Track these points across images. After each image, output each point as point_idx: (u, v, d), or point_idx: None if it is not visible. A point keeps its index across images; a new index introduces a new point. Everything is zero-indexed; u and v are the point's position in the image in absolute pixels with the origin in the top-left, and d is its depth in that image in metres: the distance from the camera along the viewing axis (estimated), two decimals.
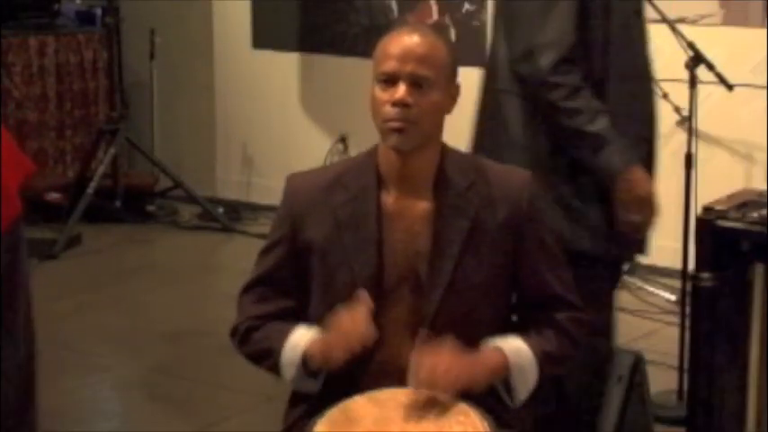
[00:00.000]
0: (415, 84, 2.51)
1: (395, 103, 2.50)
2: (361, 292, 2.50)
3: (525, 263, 2.60)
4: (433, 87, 2.52)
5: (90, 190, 6.64)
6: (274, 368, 2.61)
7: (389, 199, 2.59)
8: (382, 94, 2.53)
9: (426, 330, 2.49)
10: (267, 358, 2.62)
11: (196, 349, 5.09)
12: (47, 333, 5.23)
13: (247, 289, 2.69)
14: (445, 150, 2.62)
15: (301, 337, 2.57)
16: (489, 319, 2.59)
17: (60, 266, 6.19)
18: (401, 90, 2.50)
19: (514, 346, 2.56)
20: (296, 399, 2.66)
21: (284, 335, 2.58)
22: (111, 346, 5.25)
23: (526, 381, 2.58)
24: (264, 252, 2.69)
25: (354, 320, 2.47)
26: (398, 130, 2.51)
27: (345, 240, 2.57)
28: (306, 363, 2.55)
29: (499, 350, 2.54)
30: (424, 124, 2.52)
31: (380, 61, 2.54)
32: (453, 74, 2.60)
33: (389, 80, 2.52)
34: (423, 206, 2.58)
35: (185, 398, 4.64)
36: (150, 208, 7.06)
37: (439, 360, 2.44)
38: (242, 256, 6.27)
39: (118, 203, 6.93)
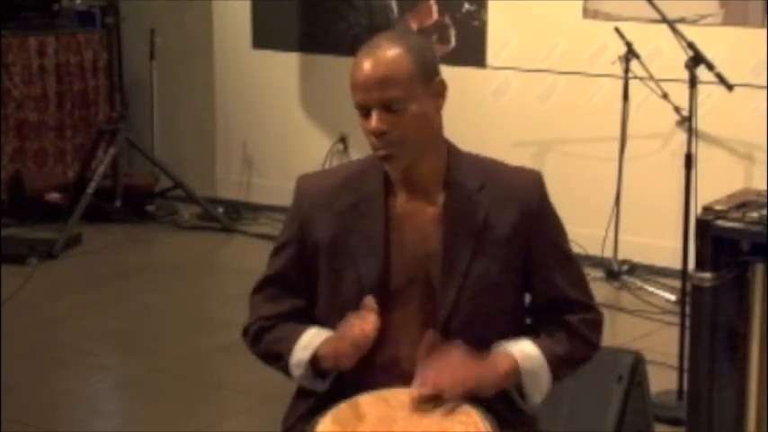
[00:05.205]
0: (387, 108, 2.47)
1: (373, 133, 2.48)
2: (367, 299, 2.50)
3: (536, 264, 2.59)
4: (406, 103, 2.47)
5: (90, 190, 6.64)
6: (285, 369, 2.61)
7: (399, 201, 2.58)
8: (364, 124, 2.51)
9: (433, 332, 2.49)
10: (278, 359, 2.62)
11: (196, 349, 5.09)
12: (47, 333, 5.29)
13: (258, 289, 2.69)
14: (453, 152, 2.60)
15: (312, 339, 2.57)
16: (501, 320, 2.58)
17: (60, 266, 6.19)
18: (374, 120, 2.47)
19: (525, 351, 2.55)
20: (302, 394, 2.67)
21: (295, 336, 2.59)
22: (111, 346, 5.25)
23: (539, 385, 2.56)
24: (275, 252, 2.68)
25: (363, 328, 2.47)
26: (386, 157, 2.50)
27: (352, 242, 2.57)
28: (315, 364, 2.55)
29: (509, 355, 2.53)
30: (411, 140, 2.49)
31: (352, 92, 2.50)
32: (427, 75, 2.51)
33: (363, 111, 2.49)
34: (433, 208, 2.57)
35: (185, 398, 4.64)
36: (150, 208, 7.06)
37: (445, 363, 2.43)
38: (242, 256, 6.30)
39: (118, 203, 6.93)
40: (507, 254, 2.56)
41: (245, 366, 2.74)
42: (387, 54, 2.47)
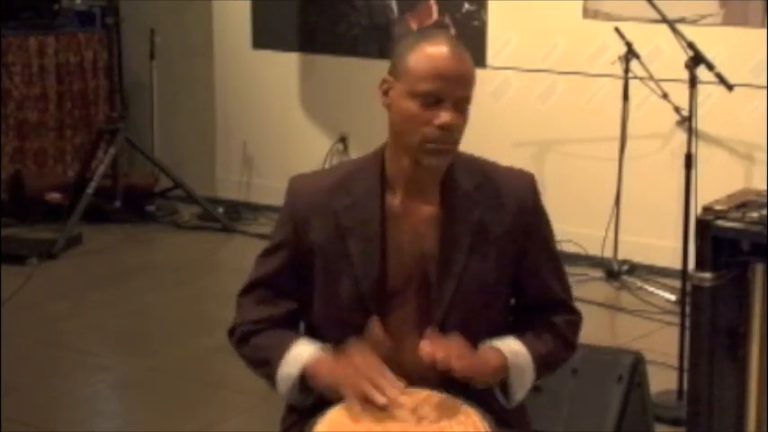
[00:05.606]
0: (458, 105, 2.47)
1: (440, 127, 2.46)
2: (374, 324, 2.47)
3: (528, 264, 2.60)
4: (468, 105, 2.50)
5: (90, 190, 6.64)
6: (269, 377, 2.58)
7: (395, 201, 2.57)
8: (422, 113, 2.46)
9: (435, 329, 2.48)
10: (264, 366, 2.59)
11: (196, 349, 5.09)
12: (47, 333, 5.29)
13: (247, 290, 2.66)
14: None
15: (301, 353, 2.54)
16: (493, 319, 2.59)
17: (60, 266, 6.19)
18: (449, 115, 2.45)
19: (513, 348, 2.56)
20: None
21: (284, 347, 2.55)
22: (111, 346, 5.25)
23: (523, 382, 2.58)
24: (266, 254, 2.65)
25: (372, 366, 2.42)
26: (438, 152, 2.49)
27: (348, 244, 2.55)
28: (303, 379, 2.53)
29: (498, 351, 2.54)
30: (459, 142, 2.52)
31: (420, 79, 2.46)
32: None
33: (429, 99, 2.46)
34: (429, 208, 2.57)
35: (185, 398, 4.64)
36: (150, 208, 7.06)
37: (452, 347, 2.43)
38: (242, 256, 6.26)
39: (118, 203, 6.93)
40: (502, 253, 2.57)
41: (245, 366, 2.73)
42: (465, 54, 2.50)
